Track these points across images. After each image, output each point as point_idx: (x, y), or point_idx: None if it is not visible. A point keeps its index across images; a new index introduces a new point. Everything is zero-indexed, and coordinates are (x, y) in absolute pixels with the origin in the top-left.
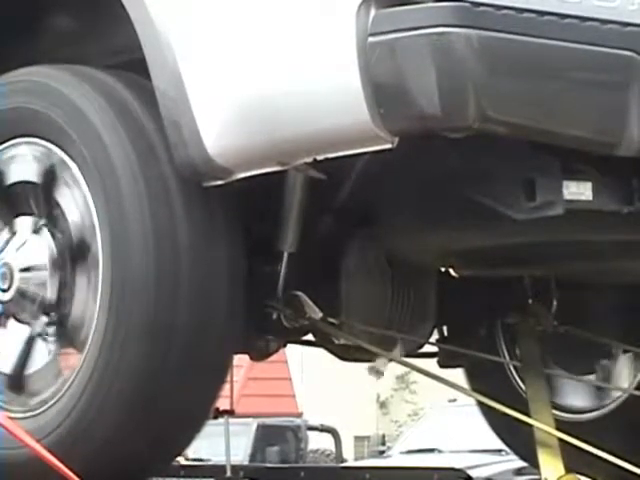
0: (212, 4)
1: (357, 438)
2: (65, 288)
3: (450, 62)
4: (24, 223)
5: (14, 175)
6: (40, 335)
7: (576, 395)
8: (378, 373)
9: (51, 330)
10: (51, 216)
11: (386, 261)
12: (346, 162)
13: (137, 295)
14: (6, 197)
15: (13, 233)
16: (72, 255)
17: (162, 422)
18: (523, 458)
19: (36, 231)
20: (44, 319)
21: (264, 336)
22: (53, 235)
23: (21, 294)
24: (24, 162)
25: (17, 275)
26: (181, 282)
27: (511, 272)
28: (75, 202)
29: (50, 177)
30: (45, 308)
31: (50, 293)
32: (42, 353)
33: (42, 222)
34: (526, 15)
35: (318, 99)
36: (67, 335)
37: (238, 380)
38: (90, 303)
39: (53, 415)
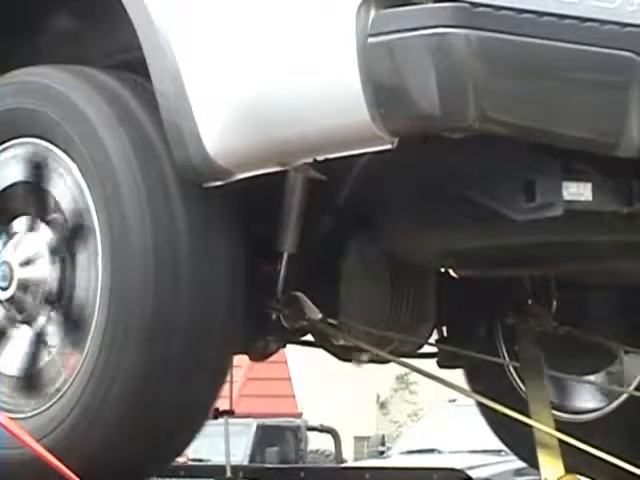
0: (212, 5)
1: (357, 438)
2: (65, 288)
3: (450, 63)
4: (25, 223)
5: (14, 175)
6: (40, 334)
7: (576, 395)
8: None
9: (51, 329)
10: (51, 216)
11: (386, 261)
12: (346, 162)
13: (137, 295)
14: (7, 197)
15: (14, 232)
16: (72, 255)
17: (162, 422)
18: (523, 459)
19: (37, 231)
20: (43, 319)
21: (264, 336)
22: (53, 234)
23: (21, 293)
24: (24, 162)
25: (17, 274)
26: (181, 282)
27: (511, 272)
28: (75, 202)
29: (50, 178)
30: (45, 308)
31: (49, 293)
32: (42, 352)
33: (42, 222)
34: (525, 16)
35: (318, 99)
36: (67, 335)
37: (238, 380)
38: (90, 303)
39: (53, 415)
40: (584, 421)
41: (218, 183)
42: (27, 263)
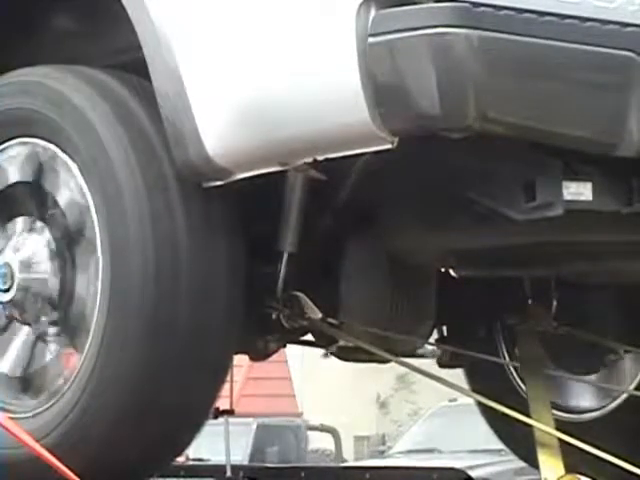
0: (212, 5)
1: (357, 438)
2: (65, 289)
3: (450, 62)
4: (25, 223)
5: (14, 175)
6: (40, 335)
7: (576, 395)
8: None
9: (51, 330)
10: (51, 216)
11: (386, 261)
12: (346, 162)
13: (137, 295)
14: (6, 198)
15: (14, 233)
16: (72, 255)
17: (162, 422)
18: (523, 458)
19: (37, 231)
20: (44, 319)
21: (264, 336)
22: (53, 235)
23: (22, 295)
24: (24, 162)
25: (18, 275)
26: (181, 282)
27: (511, 272)
28: (75, 202)
29: (50, 178)
30: (45, 308)
31: (50, 293)
32: (42, 353)
33: (42, 222)
34: (526, 15)
35: (318, 99)
36: (67, 335)
37: (238, 380)
38: (90, 303)
39: (53, 415)
40: (584, 421)
41: (218, 183)
42: (28, 264)
